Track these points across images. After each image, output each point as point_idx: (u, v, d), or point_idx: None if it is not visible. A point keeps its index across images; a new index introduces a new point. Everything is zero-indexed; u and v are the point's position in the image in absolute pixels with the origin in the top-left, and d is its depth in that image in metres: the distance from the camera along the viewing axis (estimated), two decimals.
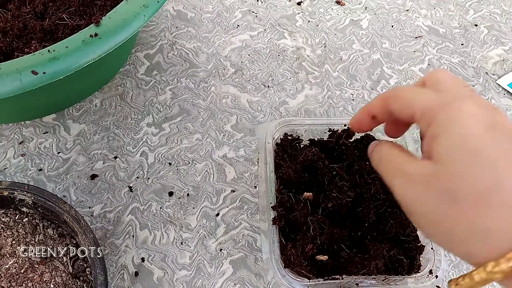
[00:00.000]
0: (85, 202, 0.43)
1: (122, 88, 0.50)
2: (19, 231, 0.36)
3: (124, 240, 0.41)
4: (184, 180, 0.45)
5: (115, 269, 0.40)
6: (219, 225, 0.43)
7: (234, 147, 0.47)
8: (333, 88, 0.53)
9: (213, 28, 0.56)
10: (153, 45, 0.54)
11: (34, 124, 0.47)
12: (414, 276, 0.37)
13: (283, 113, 0.50)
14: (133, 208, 0.43)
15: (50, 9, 0.44)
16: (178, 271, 0.40)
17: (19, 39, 0.42)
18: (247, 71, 0.53)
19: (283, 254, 0.36)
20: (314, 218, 0.38)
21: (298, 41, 0.56)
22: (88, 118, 0.48)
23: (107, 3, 0.44)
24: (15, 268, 0.34)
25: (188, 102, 0.50)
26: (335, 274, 0.36)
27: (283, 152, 0.42)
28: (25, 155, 0.45)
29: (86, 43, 0.37)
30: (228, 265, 0.41)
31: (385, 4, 0.61)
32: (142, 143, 0.47)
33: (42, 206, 0.35)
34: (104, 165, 0.45)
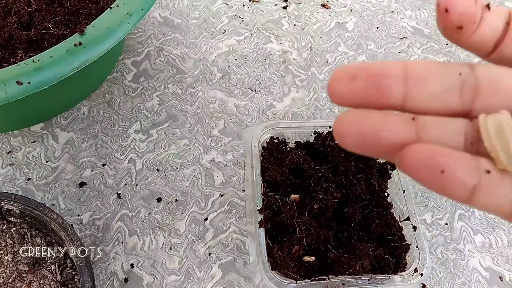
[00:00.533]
0: (74, 210, 0.43)
1: (110, 95, 0.50)
2: (7, 240, 0.36)
3: (113, 247, 0.42)
4: (172, 186, 0.45)
5: (105, 276, 0.40)
6: (207, 229, 0.43)
7: (222, 151, 0.48)
8: (320, 90, 0.53)
9: (200, 34, 0.57)
10: (140, 52, 0.54)
11: (22, 133, 0.47)
12: (400, 274, 0.37)
13: (271, 117, 0.51)
14: (122, 214, 0.43)
15: (36, 19, 0.44)
16: (167, 276, 0.40)
17: (5, 49, 0.42)
18: (234, 75, 0.53)
19: (270, 256, 0.37)
20: (300, 220, 0.38)
21: (284, 45, 0.57)
22: (76, 126, 0.48)
23: (93, 12, 0.44)
24: (3, 277, 0.34)
25: (175, 108, 0.50)
26: (322, 274, 0.37)
27: (270, 155, 0.43)
28: (13, 165, 0.45)
29: (71, 52, 0.38)
30: (217, 269, 0.41)
31: (370, 6, 0.62)
32: (130, 149, 0.47)
33: (29, 215, 0.36)
34: (93, 173, 0.45)
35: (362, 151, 0.16)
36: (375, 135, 0.16)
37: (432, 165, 0.14)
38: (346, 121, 0.16)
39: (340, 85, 0.16)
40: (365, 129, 0.16)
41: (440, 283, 0.41)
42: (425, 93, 0.16)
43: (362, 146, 0.16)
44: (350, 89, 0.16)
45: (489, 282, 0.42)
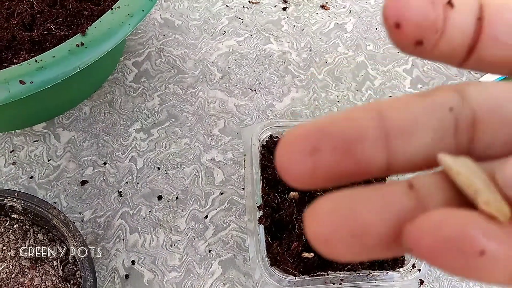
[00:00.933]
0: (76, 208, 0.44)
1: (111, 95, 0.51)
2: (10, 237, 0.36)
3: (115, 244, 0.42)
4: (173, 184, 0.46)
5: (106, 272, 0.41)
6: (208, 227, 0.44)
7: (222, 150, 0.48)
8: (319, 90, 0.54)
9: (200, 35, 0.57)
10: (141, 52, 0.55)
11: (25, 133, 0.48)
12: (398, 270, 0.37)
13: (270, 116, 0.51)
14: (123, 212, 0.44)
15: (38, 20, 0.45)
16: (168, 272, 0.41)
17: (8, 50, 0.43)
18: (234, 76, 0.54)
19: (269, 252, 0.37)
20: (299, 216, 0.39)
21: (284, 46, 0.57)
22: (77, 125, 0.49)
23: (94, 13, 0.45)
24: (5, 273, 0.34)
25: (176, 108, 0.51)
26: (320, 270, 0.37)
27: (269, 153, 0.43)
28: (15, 164, 0.46)
29: (73, 52, 0.38)
30: (217, 266, 0.42)
31: (369, 7, 0.63)
32: (131, 148, 0.47)
33: (32, 212, 0.36)
34: (94, 171, 0.46)
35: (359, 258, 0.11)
36: (373, 232, 0.11)
37: (466, 245, 0.10)
38: (326, 220, 0.11)
39: (297, 161, 0.11)
40: (360, 226, 0.11)
41: (438, 279, 0.42)
42: (413, 149, 0.12)
43: (360, 253, 0.11)
44: (313, 167, 0.11)
45: None
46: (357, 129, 0.12)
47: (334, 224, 0.11)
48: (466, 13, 0.13)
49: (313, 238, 0.11)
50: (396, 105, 0.12)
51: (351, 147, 0.12)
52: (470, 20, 0.13)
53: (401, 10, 0.12)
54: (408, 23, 0.12)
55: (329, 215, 0.11)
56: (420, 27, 0.12)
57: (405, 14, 0.12)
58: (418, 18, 0.12)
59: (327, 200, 0.11)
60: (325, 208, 0.11)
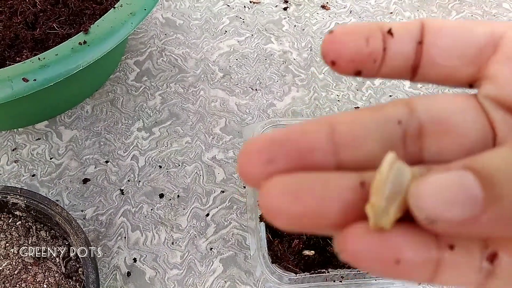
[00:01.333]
0: (78, 206, 0.44)
1: (113, 94, 0.51)
2: (12, 234, 0.37)
3: (116, 241, 0.42)
4: (174, 182, 0.46)
5: (108, 269, 0.41)
6: (209, 225, 0.44)
7: (223, 149, 0.48)
8: (319, 89, 0.54)
9: (201, 34, 0.58)
10: (142, 52, 0.55)
11: (27, 131, 0.48)
12: None
13: (271, 115, 0.51)
14: (125, 210, 0.44)
15: (41, 19, 0.45)
16: (169, 270, 0.41)
17: (11, 48, 0.43)
18: (235, 75, 0.54)
19: (270, 250, 0.37)
20: None
21: (284, 45, 0.58)
22: (79, 124, 0.49)
23: (96, 12, 0.45)
24: (8, 269, 0.35)
25: (177, 107, 0.51)
26: (321, 268, 0.37)
27: None
28: (18, 162, 0.46)
29: (75, 50, 0.39)
30: (219, 263, 0.42)
31: (369, 8, 0.63)
32: (132, 147, 0.48)
33: (34, 209, 0.36)
34: (96, 170, 0.46)
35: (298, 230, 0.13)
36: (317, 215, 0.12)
37: (383, 256, 0.12)
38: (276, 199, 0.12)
39: (254, 170, 0.13)
40: (304, 208, 0.12)
41: None
42: (362, 157, 0.14)
43: (299, 227, 0.12)
44: (269, 174, 0.13)
45: None
46: (309, 141, 0.13)
47: (282, 203, 0.12)
48: (407, 40, 0.15)
49: (264, 212, 0.13)
50: (347, 119, 0.14)
51: (303, 156, 0.13)
52: (410, 45, 0.15)
53: (336, 49, 0.14)
54: (342, 61, 0.14)
55: (279, 195, 0.12)
56: (354, 62, 0.14)
57: (340, 53, 0.14)
58: (352, 55, 0.14)
59: (281, 180, 0.13)
60: (278, 186, 0.12)
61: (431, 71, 0.15)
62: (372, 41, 0.14)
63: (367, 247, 0.12)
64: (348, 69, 0.14)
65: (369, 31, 0.15)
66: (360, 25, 0.15)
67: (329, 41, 0.14)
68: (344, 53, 0.14)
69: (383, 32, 0.15)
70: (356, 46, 0.14)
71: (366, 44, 0.14)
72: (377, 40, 0.14)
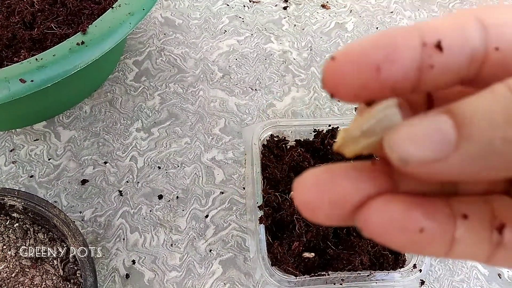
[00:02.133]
0: (76, 207, 0.44)
1: (112, 94, 0.51)
2: (10, 236, 0.36)
3: (115, 243, 0.42)
4: (174, 183, 0.46)
5: (106, 271, 0.41)
6: (208, 226, 0.43)
7: (222, 149, 0.48)
8: (319, 90, 0.54)
9: (201, 34, 0.57)
10: (141, 51, 0.55)
11: (25, 131, 0.48)
12: (399, 271, 0.37)
13: (271, 115, 0.51)
14: (124, 211, 0.44)
15: (39, 18, 0.45)
16: (168, 272, 0.41)
17: (8, 48, 0.43)
18: (234, 75, 0.54)
19: (270, 252, 0.37)
20: (300, 216, 0.39)
21: (284, 45, 0.57)
22: (78, 124, 0.48)
23: (95, 11, 0.45)
24: (6, 272, 0.34)
25: (176, 107, 0.51)
26: (321, 270, 0.37)
27: (270, 153, 0.43)
28: (16, 162, 0.46)
29: (73, 51, 0.38)
30: (218, 265, 0.41)
31: (369, 7, 0.62)
32: (131, 148, 0.47)
33: (32, 211, 0.36)
34: (94, 170, 0.46)
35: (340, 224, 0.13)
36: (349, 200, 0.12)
37: (408, 224, 0.12)
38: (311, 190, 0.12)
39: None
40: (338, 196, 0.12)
41: (439, 280, 0.42)
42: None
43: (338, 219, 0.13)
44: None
45: (488, 280, 0.42)
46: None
47: (317, 193, 0.12)
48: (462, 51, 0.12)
49: (299, 204, 0.13)
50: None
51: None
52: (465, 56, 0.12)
53: (335, 83, 0.12)
54: (342, 96, 0.12)
55: (314, 186, 0.12)
56: (359, 97, 0.12)
57: (338, 88, 0.12)
58: (355, 90, 0.12)
59: (312, 173, 0.13)
60: (311, 179, 0.13)
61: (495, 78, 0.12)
62: (387, 67, 0.12)
63: (391, 218, 0.12)
64: (354, 101, 0.13)
65: (386, 51, 0.12)
66: (374, 44, 0.12)
67: (329, 71, 0.12)
68: (344, 89, 0.12)
69: (428, 46, 0.11)
70: (360, 79, 0.12)
71: (376, 74, 0.12)
72: (398, 65, 0.12)
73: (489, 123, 0.10)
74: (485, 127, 0.10)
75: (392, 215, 0.12)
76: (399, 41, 0.12)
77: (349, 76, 0.12)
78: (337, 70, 0.12)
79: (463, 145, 0.11)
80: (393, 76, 0.12)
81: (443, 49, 0.11)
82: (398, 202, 0.12)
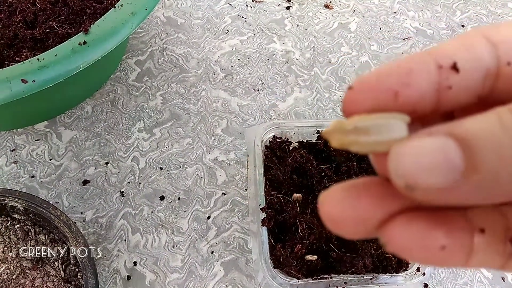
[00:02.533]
0: (77, 208, 0.43)
1: (113, 94, 0.51)
2: (11, 237, 0.36)
3: (116, 244, 0.42)
4: (175, 184, 0.45)
5: (108, 273, 0.40)
6: (210, 228, 0.43)
7: (224, 150, 0.48)
8: (322, 90, 0.53)
9: (203, 34, 0.57)
10: (143, 51, 0.54)
11: (26, 131, 0.47)
12: (402, 274, 0.37)
13: (273, 116, 0.51)
14: (125, 212, 0.43)
15: (41, 18, 0.44)
16: (170, 274, 0.41)
17: (10, 48, 0.43)
18: (237, 75, 0.54)
19: (272, 255, 0.37)
20: (303, 218, 0.38)
21: (287, 45, 0.57)
22: (79, 124, 0.48)
23: (97, 11, 0.44)
24: (6, 274, 0.34)
25: (178, 107, 0.50)
26: (324, 273, 0.37)
27: (272, 154, 0.43)
28: (17, 163, 0.45)
29: (75, 51, 0.38)
30: (220, 267, 0.41)
31: (373, 7, 0.62)
32: (133, 148, 0.47)
33: (33, 212, 0.36)
34: (96, 171, 0.45)
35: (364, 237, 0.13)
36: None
37: (430, 243, 0.12)
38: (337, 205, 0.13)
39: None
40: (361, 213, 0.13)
41: (442, 283, 0.41)
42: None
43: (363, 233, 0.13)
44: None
45: (491, 283, 0.42)
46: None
47: (342, 210, 0.13)
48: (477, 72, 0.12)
49: (325, 218, 0.13)
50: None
51: None
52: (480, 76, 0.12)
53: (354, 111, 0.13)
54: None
55: (339, 202, 0.13)
56: None
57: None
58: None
59: (338, 188, 0.13)
60: (336, 195, 0.13)
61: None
62: (404, 91, 0.12)
63: (413, 237, 0.12)
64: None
65: (402, 77, 0.12)
66: (389, 71, 0.12)
67: (347, 100, 0.13)
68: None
69: (444, 68, 0.12)
70: (378, 106, 0.12)
71: (395, 98, 0.12)
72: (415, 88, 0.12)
73: (498, 156, 0.10)
74: (494, 161, 0.10)
75: (415, 234, 0.12)
76: (413, 66, 0.12)
77: (367, 103, 0.12)
78: (356, 99, 0.13)
79: (472, 175, 0.11)
80: (411, 99, 0.12)
81: (459, 70, 0.12)
82: (420, 220, 0.12)
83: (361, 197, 0.13)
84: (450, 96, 0.12)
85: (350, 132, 0.12)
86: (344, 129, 0.13)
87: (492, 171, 0.11)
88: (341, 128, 0.13)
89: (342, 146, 0.13)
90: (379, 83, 0.12)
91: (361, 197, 0.13)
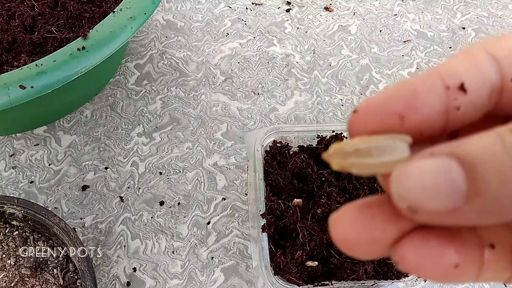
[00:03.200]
0: (77, 213, 0.43)
1: (113, 98, 0.50)
2: (9, 244, 0.36)
3: (116, 250, 0.42)
4: (175, 189, 0.45)
5: (107, 279, 0.40)
6: (210, 233, 0.43)
7: (224, 155, 0.48)
8: (323, 94, 0.53)
9: (203, 37, 0.57)
10: (143, 55, 0.54)
11: (25, 136, 0.47)
12: (403, 280, 0.37)
13: (273, 120, 0.51)
14: (125, 218, 0.43)
15: (39, 22, 0.44)
16: (170, 280, 0.40)
17: (8, 52, 0.42)
18: (237, 78, 0.53)
19: (272, 261, 0.37)
20: (303, 224, 0.38)
21: (287, 48, 0.57)
22: (79, 129, 0.48)
23: (96, 15, 0.44)
24: (5, 281, 0.34)
25: (178, 111, 0.50)
26: (325, 280, 0.36)
27: (272, 159, 0.43)
28: (16, 168, 0.45)
29: (74, 56, 0.38)
30: (220, 273, 0.41)
31: (373, 9, 0.62)
32: (132, 153, 0.47)
33: (32, 219, 0.36)
34: (95, 176, 0.45)
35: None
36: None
37: (443, 261, 0.12)
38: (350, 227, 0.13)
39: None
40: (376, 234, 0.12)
41: None
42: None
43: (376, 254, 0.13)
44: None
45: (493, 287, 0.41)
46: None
47: (355, 231, 0.12)
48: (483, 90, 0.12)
49: (337, 240, 0.13)
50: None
51: None
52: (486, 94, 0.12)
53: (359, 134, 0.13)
54: None
55: (352, 223, 0.13)
56: None
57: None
58: None
59: (349, 208, 0.13)
60: (349, 216, 0.13)
61: None
62: (410, 115, 0.12)
63: (426, 256, 0.12)
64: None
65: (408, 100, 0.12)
66: (394, 93, 0.12)
67: (352, 123, 0.13)
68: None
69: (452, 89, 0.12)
70: (384, 129, 0.12)
71: (401, 122, 0.12)
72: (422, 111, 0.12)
73: (499, 179, 0.10)
74: (496, 183, 0.10)
75: (428, 253, 0.12)
76: (420, 89, 0.12)
77: (373, 126, 0.12)
78: (361, 122, 0.13)
79: (475, 198, 0.11)
80: (418, 122, 0.12)
81: (467, 90, 0.12)
82: (432, 239, 0.12)
83: (375, 216, 0.12)
84: (457, 116, 0.12)
85: (350, 154, 0.12)
86: (344, 151, 0.12)
87: (494, 193, 0.10)
88: (341, 150, 0.12)
89: (342, 169, 0.13)
90: (384, 107, 0.12)
91: (375, 216, 0.12)
